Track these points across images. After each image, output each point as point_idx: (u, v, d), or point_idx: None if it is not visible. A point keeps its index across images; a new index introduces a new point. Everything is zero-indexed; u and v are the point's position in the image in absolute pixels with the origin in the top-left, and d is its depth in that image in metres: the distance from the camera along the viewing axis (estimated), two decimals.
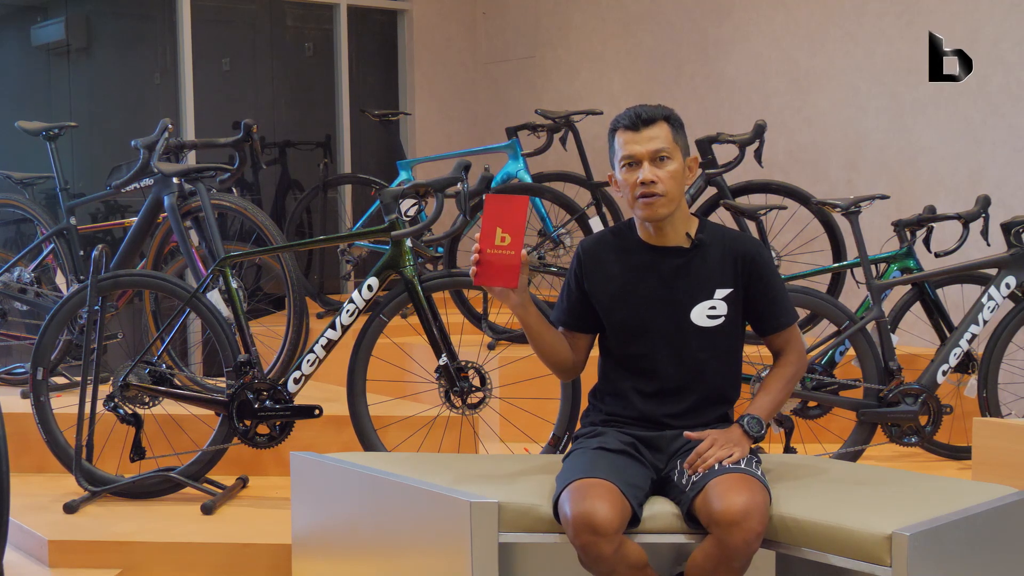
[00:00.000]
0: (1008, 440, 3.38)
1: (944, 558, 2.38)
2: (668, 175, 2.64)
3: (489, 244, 2.57)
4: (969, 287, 4.30)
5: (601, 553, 2.42)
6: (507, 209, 2.57)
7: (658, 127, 2.66)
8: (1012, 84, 4.85)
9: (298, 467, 3.08)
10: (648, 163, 2.64)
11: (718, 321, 2.70)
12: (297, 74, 7.31)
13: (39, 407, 3.95)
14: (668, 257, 2.72)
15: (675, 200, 2.67)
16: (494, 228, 2.57)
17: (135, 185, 4.58)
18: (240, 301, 3.83)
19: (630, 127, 2.66)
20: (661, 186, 2.63)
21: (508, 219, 2.57)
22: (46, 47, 6.59)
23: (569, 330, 2.83)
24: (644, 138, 2.65)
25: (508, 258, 2.57)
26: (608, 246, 2.79)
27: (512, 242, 2.57)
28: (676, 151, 2.67)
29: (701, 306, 2.70)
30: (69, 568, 3.43)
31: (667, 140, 2.66)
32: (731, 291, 2.70)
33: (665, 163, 2.65)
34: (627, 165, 2.67)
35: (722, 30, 5.95)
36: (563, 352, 2.80)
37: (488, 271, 2.59)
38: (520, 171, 5.24)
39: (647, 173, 2.63)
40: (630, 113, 2.68)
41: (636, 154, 2.65)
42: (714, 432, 2.63)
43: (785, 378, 2.76)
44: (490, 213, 2.58)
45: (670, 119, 2.69)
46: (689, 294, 2.70)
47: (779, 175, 5.18)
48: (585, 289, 2.79)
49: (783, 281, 2.80)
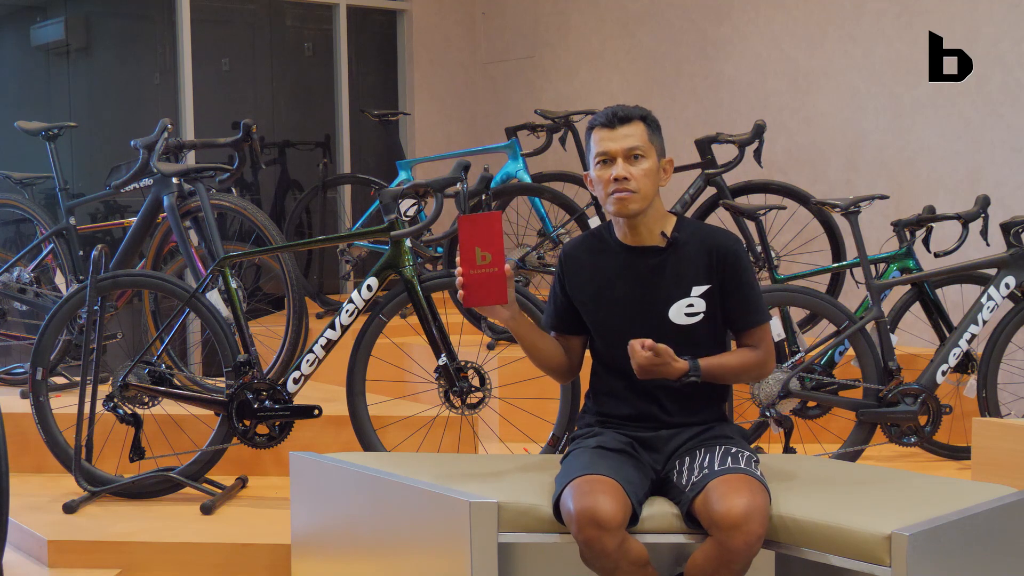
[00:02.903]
0: (1008, 440, 3.39)
1: (943, 558, 2.38)
2: (641, 173, 2.66)
3: (471, 265, 2.59)
4: (968, 287, 4.30)
5: (605, 548, 2.43)
6: (481, 227, 2.59)
7: (634, 126, 2.68)
8: (1011, 84, 4.85)
9: (297, 467, 3.09)
10: (622, 160, 2.66)
11: (697, 319, 2.71)
12: (297, 74, 7.31)
13: (38, 407, 3.95)
14: (644, 257, 2.74)
15: (647, 198, 2.68)
16: (472, 248, 2.58)
17: (134, 185, 4.58)
18: (239, 301, 3.83)
19: (606, 125, 2.69)
20: (634, 183, 2.65)
21: (484, 236, 2.58)
22: (45, 47, 6.59)
23: (560, 333, 2.86)
24: (619, 135, 2.67)
25: (492, 275, 2.59)
26: (586, 248, 2.82)
27: (493, 258, 2.58)
28: (651, 150, 2.69)
29: (679, 304, 2.71)
30: (68, 568, 3.43)
31: (642, 139, 2.68)
32: (708, 287, 2.70)
33: (639, 161, 2.67)
34: (601, 162, 2.69)
35: (721, 30, 5.95)
36: (558, 357, 2.83)
37: (475, 292, 2.60)
38: (519, 171, 5.24)
39: (620, 170, 2.65)
40: (607, 112, 2.70)
41: (610, 151, 2.67)
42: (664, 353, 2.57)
43: (747, 359, 2.70)
44: (465, 234, 2.59)
45: (647, 119, 2.71)
46: (666, 293, 2.71)
47: (778, 175, 5.18)
48: (568, 291, 2.81)
49: (757, 280, 2.78)
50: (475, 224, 2.59)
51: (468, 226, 2.59)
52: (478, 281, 2.60)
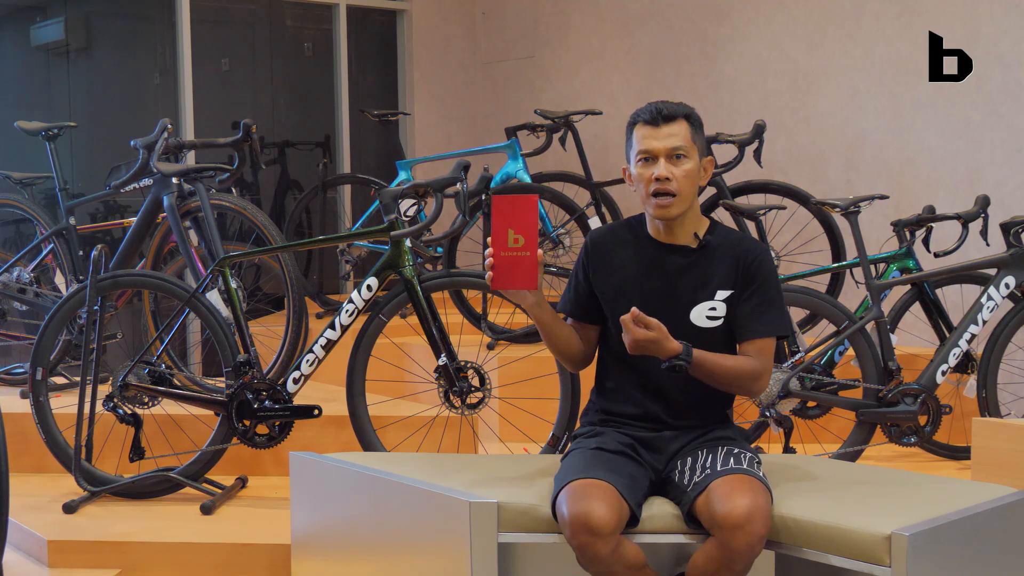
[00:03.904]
0: (1007, 440, 3.38)
1: (943, 558, 2.38)
2: (683, 174, 2.63)
3: (502, 247, 2.53)
4: (968, 287, 4.30)
5: (598, 554, 2.42)
6: (517, 208, 2.52)
7: (678, 124, 2.65)
8: (1011, 84, 4.85)
9: (297, 467, 3.08)
10: (664, 160, 2.63)
11: (717, 323, 2.69)
12: (296, 74, 7.31)
13: (38, 407, 3.95)
14: (674, 255, 2.71)
15: (688, 200, 2.66)
16: (505, 229, 2.52)
17: (134, 185, 4.58)
18: (239, 301, 3.83)
19: (650, 122, 2.65)
20: (675, 184, 2.62)
21: (519, 218, 2.52)
22: (45, 47, 6.59)
23: (577, 321, 2.81)
24: (663, 134, 2.64)
25: (524, 259, 2.53)
26: (616, 239, 2.78)
27: (526, 242, 2.52)
28: (693, 151, 2.66)
29: (701, 306, 2.69)
30: (68, 568, 3.43)
31: (685, 138, 2.64)
32: (731, 292, 2.69)
33: (681, 161, 2.64)
34: (643, 160, 2.65)
35: (721, 30, 5.95)
36: (575, 344, 2.78)
37: (505, 274, 2.55)
38: (519, 171, 5.24)
39: (662, 170, 2.62)
40: (651, 108, 2.66)
41: (653, 149, 2.64)
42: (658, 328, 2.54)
43: (742, 365, 2.63)
44: (499, 214, 2.52)
45: (690, 118, 2.67)
46: (691, 293, 2.69)
47: (778, 175, 5.18)
48: (591, 280, 2.78)
49: (781, 296, 2.72)
50: (511, 205, 2.52)
51: (503, 205, 2.52)
52: (508, 264, 2.53)
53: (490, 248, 2.55)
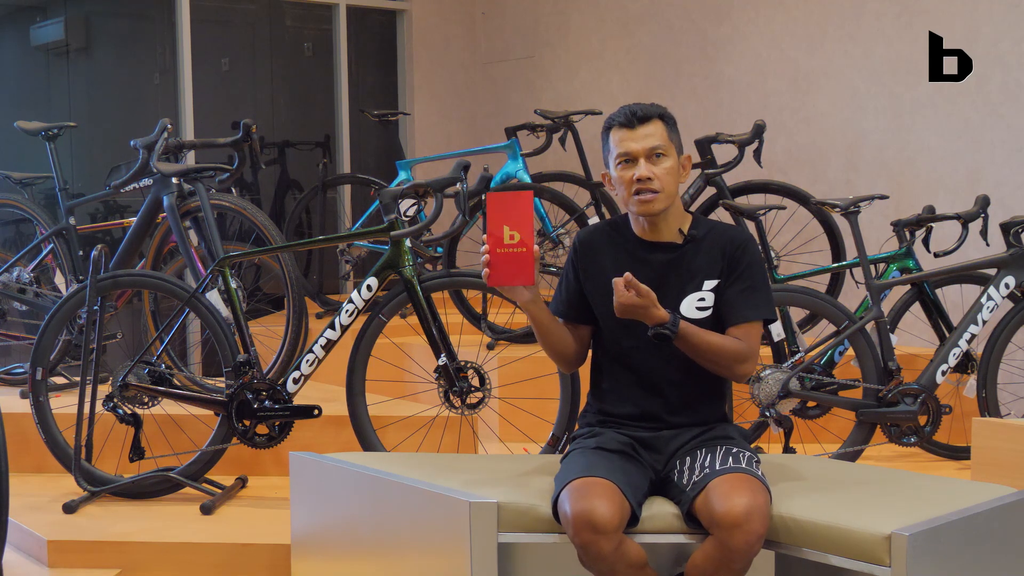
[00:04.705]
0: (1007, 440, 3.38)
1: (943, 558, 2.38)
2: (664, 172, 2.66)
3: (498, 243, 2.54)
4: (968, 287, 4.30)
5: (601, 551, 2.42)
6: (512, 204, 2.54)
7: (653, 125, 2.68)
8: (1011, 84, 4.85)
9: (297, 467, 3.09)
10: (644, 160, 2.66)
11: (707, 313, 2.70)
12: (296, 74, 7.31)
13: (38, 407, 3.95)
14: (660, 252, 2.73)
15: (671, 196, 2.69)
16: (501, 226, 2.53)
17: (134, 185, 4.58)
18: (239, 301, 3.83)
19: (625, 124, 2.68)
20: (657, 183, 2.65)
21: (514, 215, 2.53)
22: (45, 47, 6.59)
23: (568, 321, 2.82)
24: (640, 135, 2.67)
25: (521, 255, 2.54)
26: (603, 238, 2.80)
27: (522, 238, 2.54)
28: (671, 148, 2.69)
29: (690, 298, 2.70)
30: (68, 568, 3.43)
31: (662, 137, 2.68)
32: (719, 281, 2.70)
33: (660, 160, 2.67)
34: (623, 162, 2.68)
35: (721, 30, 5.95)
36: (569, 344, 2.80)
37: (502, 271, 2.56)
38: (519, 171, 5.24)
39: (643, 170, 2.65)
40: (625, 111, 2.69)
41: (632, 151, 2.66)
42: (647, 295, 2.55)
43: (727, 343, 2.63)
44: (494, 211, 2.54)
45: (664, 117, 2.71)
46: (678, 287, 2.71)
47: (778, 175, 5.18)
48: (581, 280, 2.79)
49: (767, 282, 2.74)
50: (506, 202, 2.54)
51: (498, 202, 2.54)
52: (504, 260, 2.55)
53: (486, 245, 2.56)
